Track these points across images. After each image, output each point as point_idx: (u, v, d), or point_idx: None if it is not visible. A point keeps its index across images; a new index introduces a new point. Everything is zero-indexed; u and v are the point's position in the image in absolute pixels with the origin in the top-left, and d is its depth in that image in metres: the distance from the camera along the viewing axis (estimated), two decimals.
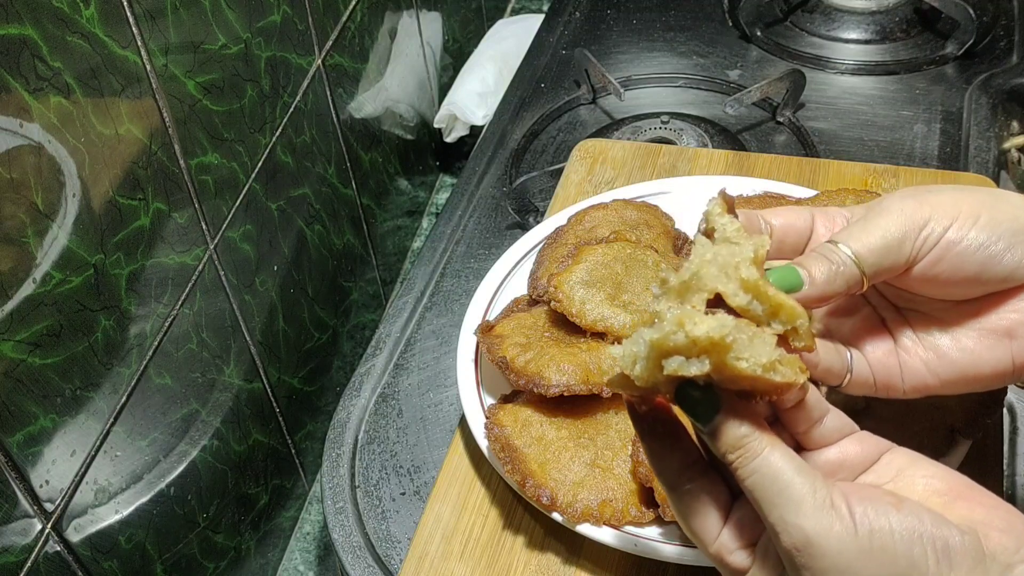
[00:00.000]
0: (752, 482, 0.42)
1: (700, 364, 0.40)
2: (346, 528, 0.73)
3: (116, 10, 0.63)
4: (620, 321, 0.70)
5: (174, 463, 0.76)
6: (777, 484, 0.41)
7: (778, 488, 0.41)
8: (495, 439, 0.67)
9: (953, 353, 0.51)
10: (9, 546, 0.58)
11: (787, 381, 0.41)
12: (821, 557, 0.40)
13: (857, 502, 0.41)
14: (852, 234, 0.48)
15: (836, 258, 0.47)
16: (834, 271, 0.47)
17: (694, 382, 0.42)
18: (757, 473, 0.42)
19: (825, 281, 0.47)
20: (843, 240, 0.48)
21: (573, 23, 1.24)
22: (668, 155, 0.96)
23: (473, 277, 0.91)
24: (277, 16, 0.84)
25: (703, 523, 0.45)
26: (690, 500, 0.45)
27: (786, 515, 0.41)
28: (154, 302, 0.71)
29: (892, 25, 1.17)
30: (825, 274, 0.47)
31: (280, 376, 0.93)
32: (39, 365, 0.59)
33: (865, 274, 0.48)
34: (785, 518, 0.41)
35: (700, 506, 0.45)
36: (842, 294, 0.48)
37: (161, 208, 0.70)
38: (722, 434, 0.42)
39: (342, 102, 1.01)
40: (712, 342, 0.40)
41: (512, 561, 0.67)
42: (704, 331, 0.39)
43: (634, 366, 0.42)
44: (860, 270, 0.47)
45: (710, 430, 0.43)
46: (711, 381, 0.42)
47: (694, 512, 0.45)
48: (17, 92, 0.55)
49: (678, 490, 0.46)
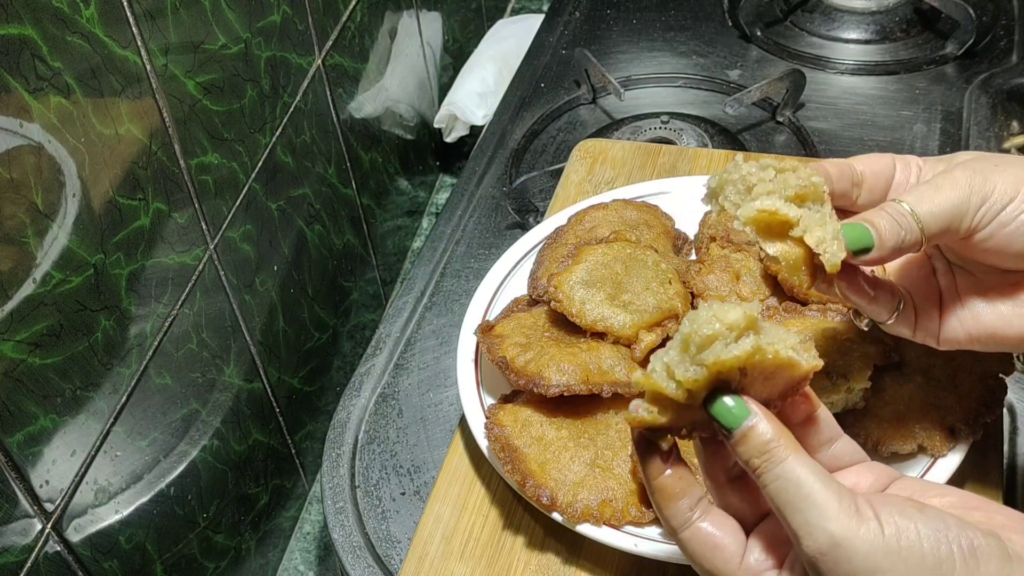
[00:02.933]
0: (776, 487, 0.42)
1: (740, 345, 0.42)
2: (346, 528, 0.73)
3: (116, 10, 0.63)
4: (620, 321, 0.70)
5: (174, 463, 0.76)
6: (802, 489, 0.41)
7: (803, 493, 0.41)
8: (495, 439, 0.67)
9: (988, 316, 0.54)
10: (9, 546, 0.58)
11: (809, 366, 0.44)
12: (848, 560, 0.40)
13: (881, 506, 0.41)
14: (921, 198, 0.50)
15: (905, 223, 0.49)
16: (902, 237, 0.49)
17: (725, 390, 0.43)
18: (782, 478, 0.42)
19: (893, 246, 0.50)
20: (911, 203, 0.50)
21: (573, 23, 1.24)
22: (668, 155, 0.96)
23: (473, 277, 0.91)
24: (277, 16, 0.84)
25: (723, 554, 0.45)
26: (703, 534, 0.45)
27: (810, 518, 0.41)
28: (154, 302, 0.71)
29: (892, 25, 1.17)
30: (894, 240, 0.49)
31: (280, 376, 0.93)
32: (39, 365, 0.59)
33: (925, 238, 0.50)
34: (810, 521, 0.41)
35: (716, 538, 0.45)
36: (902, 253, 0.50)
37: (161, 208, 0.70)
38: (749, 439, 0.43)
39: (342, 102, 1.01)
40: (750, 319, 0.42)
41: (512, 561, 0.67)
42: (741, 316, 0.42)
43: (669, 379, 0.43)
44: (921, 234, 0.50)
45: (739, 435, 0.43)
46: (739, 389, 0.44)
47: (712, 545, 0.45)
48: (17, 92, 0.55)
49: (691, 526, 0.45)
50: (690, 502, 0.46)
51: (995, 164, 0.51)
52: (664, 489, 0.46)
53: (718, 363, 0.42)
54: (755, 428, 0.43)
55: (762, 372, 0.43)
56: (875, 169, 0.54)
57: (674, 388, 0.43)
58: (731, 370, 0.43)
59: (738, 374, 0.43)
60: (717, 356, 0.42)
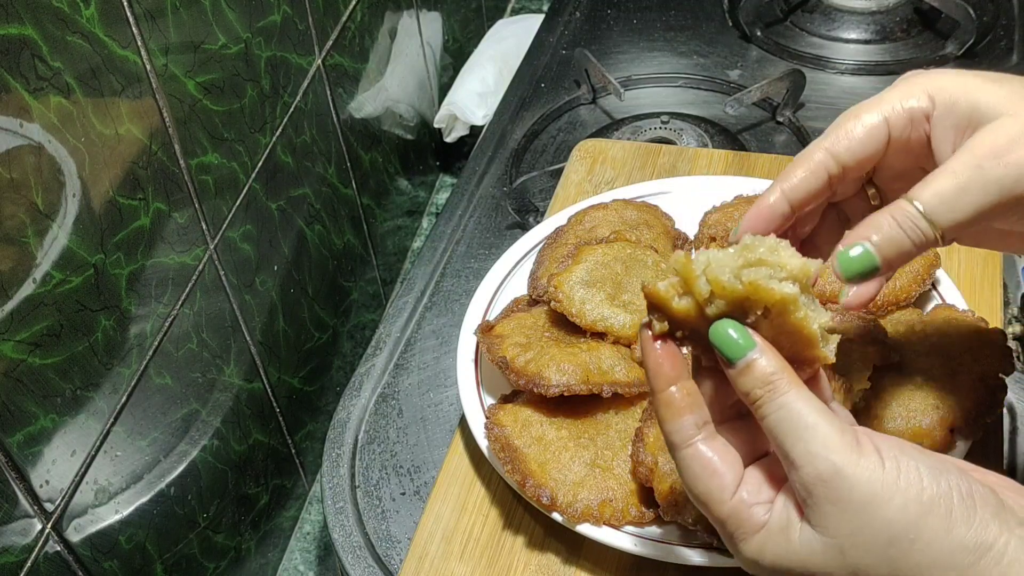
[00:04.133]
0: (777, 417, 0.42)
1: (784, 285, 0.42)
2: (346, 528, 0.73)
3: (116, 10, 0.63)
4: (620, 321, 0.70)
5: (174, 463, 0.76)
6: (804, 419, 0.41)
7: (805, 423, 0.41)
8: (495, 439, 0.67)
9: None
10: (9, 546, 0.58)
11: (823, 355, 0.44)
12: (849, 489, 0.40)
13: (882, 442, 0.41)
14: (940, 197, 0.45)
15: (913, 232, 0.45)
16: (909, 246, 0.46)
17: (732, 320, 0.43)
18: (784, 409, 0.42)
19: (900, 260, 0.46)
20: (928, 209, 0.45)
21: (573, 23, 1.24)
22: (668, 155, 0.96)
23: (473, 277, 0.91)
24: (277, 16, 0.84)
25: (719, 481, 0.44)
26: (703, 457, 0.45)
27: (812, 447, 0.41)
28: (154, 302, 0.71)
29: (892, 25, 1.17)
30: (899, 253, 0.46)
31: (280, 376, 0.93)
32: (39, 365, 0.59)
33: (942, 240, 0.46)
34: (811, 450, 0.41)
35: (715, 464, 0.45)
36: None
37: (161, 208, 0.70)
38: (752, 370, 0.43)
39: (342, 102, 1.01)
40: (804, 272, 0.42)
41: (512, 561, 0.67)
42: (799, 264, 0.42)
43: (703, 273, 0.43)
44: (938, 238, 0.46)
45: (743, 365, 0.43)
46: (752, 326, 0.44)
47: (710, 470, 0.45)
48: (17, 92, 0.55)
49: (692, 445, 0.45)
50: (695, 420, 0.45)
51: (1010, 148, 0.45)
52: (672, 403, 0.45)
53: (756, 288, 0.42)
54: (760, 360, 0.43)
55: (782, 328, 0.43)
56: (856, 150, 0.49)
57: (704, 284, 0.43)
58: (760, 304, 0.43)
59: (761, 314, 0.43)
60: (759, 281, 0.42)
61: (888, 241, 0.46)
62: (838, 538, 0.41)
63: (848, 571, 0.41)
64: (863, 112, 0.49)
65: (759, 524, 0.44)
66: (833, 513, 0.41)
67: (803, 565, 0.43)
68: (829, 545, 0.41)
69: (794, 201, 0.50)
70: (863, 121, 0.49)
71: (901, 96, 0.49)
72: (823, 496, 0.41)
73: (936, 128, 0.48)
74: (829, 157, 0.49)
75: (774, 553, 0.43)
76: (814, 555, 0.42)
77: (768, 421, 0.43)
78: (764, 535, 0.44)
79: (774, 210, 0.50)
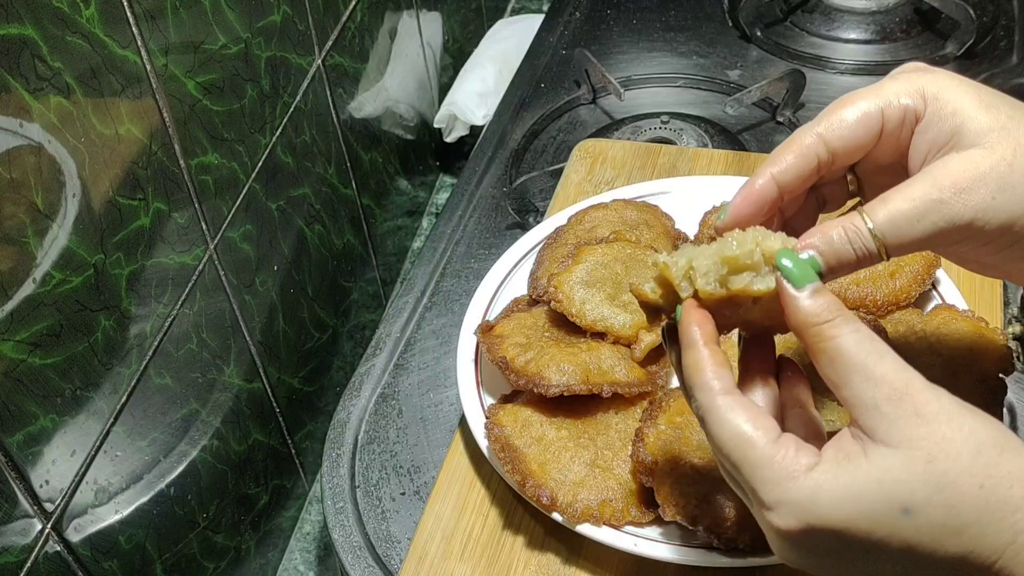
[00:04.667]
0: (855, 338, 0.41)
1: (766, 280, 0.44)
2: (346, 528, 0.73)
3: (116, 10, 0.63)
4: (620, 321, 0.70)
5: (174, 463, 0.76)
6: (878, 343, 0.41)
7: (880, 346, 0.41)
8: (495, 439, 0.67)
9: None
10: (9, 546, 0.58)
11: None
12: (936, 400, 0.40)
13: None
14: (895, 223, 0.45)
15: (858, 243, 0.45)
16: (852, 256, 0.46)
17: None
18: (860, 331, 0.42)
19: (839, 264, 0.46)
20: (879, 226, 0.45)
21: (573, 23, 1.24)
22: (668, 155, 0.96)
23: (473, 277, 0.91)
24: (277, 16, 0.84)
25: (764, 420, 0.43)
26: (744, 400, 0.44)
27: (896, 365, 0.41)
28: (154, 302, 0.71)
29: (892, 25, 1.17)
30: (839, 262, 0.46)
31: (280, 376, 0.93)
32: (39, 365, 0.59)
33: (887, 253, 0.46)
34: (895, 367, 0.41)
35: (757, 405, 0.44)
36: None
37: (161, 208, 0.70)
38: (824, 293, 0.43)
39: (342, 102, 1.01)
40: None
41: (512, 561, 0.67)
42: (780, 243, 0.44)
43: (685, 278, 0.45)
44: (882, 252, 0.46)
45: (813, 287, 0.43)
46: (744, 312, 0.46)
47: (751, 410, 0.43)
48: (17, 92, 0.55)
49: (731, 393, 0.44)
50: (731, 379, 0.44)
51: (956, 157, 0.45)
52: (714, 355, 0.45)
53: (739, 291, 0.44)
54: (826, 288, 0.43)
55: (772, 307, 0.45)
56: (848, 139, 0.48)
57: (687, 286, 0.45)
58: (747, 299, 0.45)
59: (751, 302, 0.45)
60: (743, 287, 0.44)
61: (834, 253, 0.46)
62: (924, 448, 0.39)
63: (934, 484, 0.39)
64: (859, 100, 0.48)
65: (808, 463, 0.41)
66: (919, 424, 0.40)
67: (879, 488, 0.40)
68: (913, 457, 0.39)
69: (783, 185, 0.49)
70: (859, 108, 0.48)
71: (900, 91, 0.47)
72: (910, 410, 0.40)
73: (918, 136, 0.47)
74: (820, 143, 0.48)
75: (836, 485, 0.40)
76: (893, 471, 0.40)
77: (842, 341, 0.41)
78: (819, 474, 0.41)
79: (763, 194, 0.49)
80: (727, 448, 0.43)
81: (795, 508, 0.41)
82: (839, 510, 0.40)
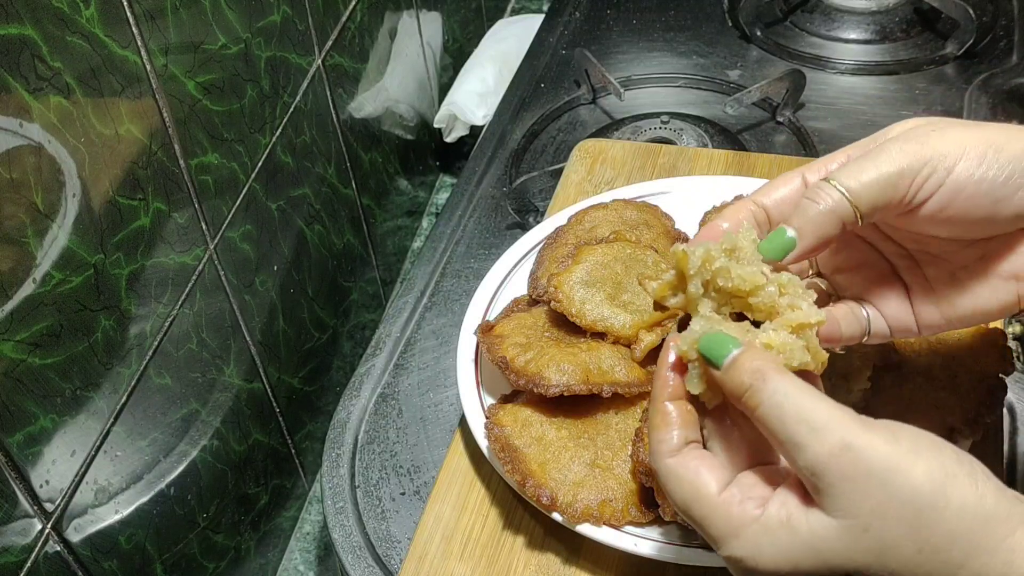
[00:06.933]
0: (773, 402, 0.40)
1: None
2: (346, 528, 0.73)
3: (116, 10, 0.63)
4: (620, 321, 0.70)
5: (174, 463, 0.76)
6: (802, 402, 0.40)
7: (804, 405, 0.40)
8: (495, 439, 0.67)
9: (961, 297, 0.50)
10: (9, 546, 0.58)
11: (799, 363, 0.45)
12: (867, 459, 0.38)
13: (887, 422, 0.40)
14: (846, 171, 0.46)
15: (826, 197, 0.45)
16: (823, 211, 0.45)
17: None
18: (779, 393, 0.40)
19: (814, 227, 0.46)
20: (836, 177, 0.46)
21: (573, 23, 1.24)
22: (668, 155, 0.96)
23: (473, 277, 0.91)
24: (277, 16, 0.84)
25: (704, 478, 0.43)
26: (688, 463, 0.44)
27: (816, 425, 0.39)
28: (154, 302, 0.71)
29: (892, 25, 1.17)
30: (813, 220, 0.45)
31: (280, 376, 0.93)
32: (39, 365, 0.59)
33: (860, 210, 0.45)
34: (816, 428, 0.39)
35: (699, 467, 0.44)
36: (837, 234, 0.46)
37: (161, 208, 0.70)
38: (738, 363, 0.42)
39: (342, 102, 1.01)
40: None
41: (512, 561, 0.67)
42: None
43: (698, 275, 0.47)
44: (853, 206, 0.45)
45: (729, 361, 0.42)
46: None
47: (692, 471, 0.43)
48: (17, 92, 0.55)
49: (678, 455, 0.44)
50: (685, 435, 0.45)
51: (932, 129, 0.46)
52: (667, 414, 0.45)
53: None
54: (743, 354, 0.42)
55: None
56: (777, 197, 0.49)
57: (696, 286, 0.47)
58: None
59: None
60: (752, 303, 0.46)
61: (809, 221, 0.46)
62: (859, 517, 0.38)
63: (872, 553, 0.39)
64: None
65: (750, 518, 0.41)
66: (850, 490, 0.38)
67: (816, 556, 0.40)
68: (848, 527, 0.39)
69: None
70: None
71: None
72: (837, 473, 0.38)
73: None
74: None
75: (775, 549, 0.40)
76: (828, 542, 0.39)
77: (763, 409, 0.41)
78: (759, 531, 0.41)
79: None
80: (679, 506, 0.44)
81: (740, 563, 0.42)
82: (779, 569, 0.41)
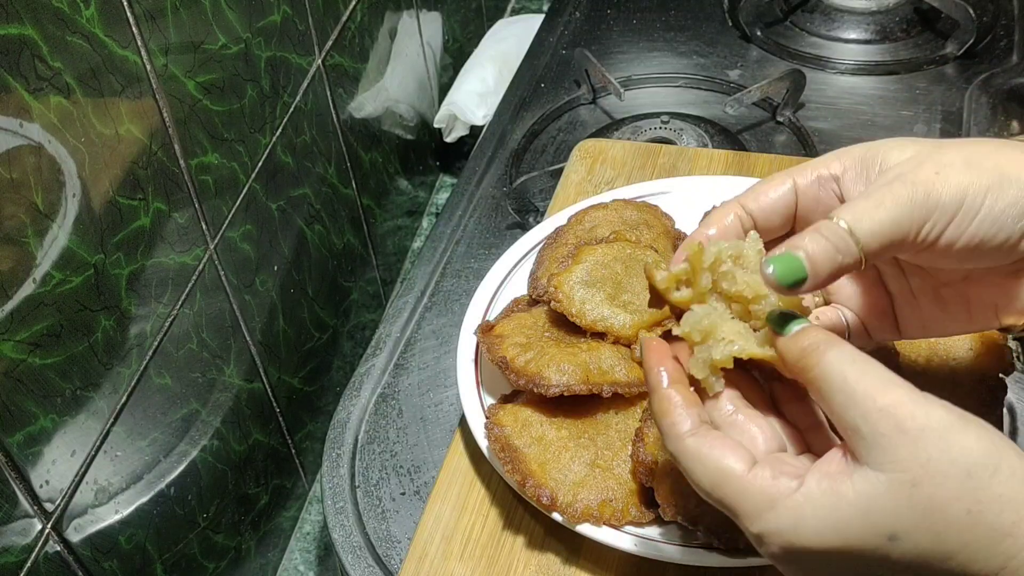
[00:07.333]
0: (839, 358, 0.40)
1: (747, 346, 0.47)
2: (346, 528, 0.73)
3: (116, 10, 0.63)
4: (620, 321, 0.70)
5: (174, 463, 0.76)
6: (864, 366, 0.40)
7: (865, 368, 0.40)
8: (495, 439, 0.67)
9: (942, 312, 0.51)
10: (9, 546, 0.58)
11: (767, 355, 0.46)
12: (924, 415, 0.38)
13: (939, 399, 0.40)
14: (861, 215, 0.44)
15: (842, 244, 0.44)
16: (839, 261, 0.44)
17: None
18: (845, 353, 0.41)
19: (829, 273, 0.45)
20: (850, 222, 0.44)
21: (573, 23, 1.24)
22: (668, 155, 0.96)
23: (473, 277, 0.91)
24: (277, 16, 0.84)
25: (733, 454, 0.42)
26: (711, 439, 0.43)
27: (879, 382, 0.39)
28: (154, 302, 0.71)
29: (892, 25, 1.17)
30: (829, 266, 0.44)
31: (280, 376, 0.93)
32: (39, 365, 0.59)
33: (864, 258, 0.45)
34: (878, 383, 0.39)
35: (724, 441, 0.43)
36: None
37: (161, 208, 0.70)
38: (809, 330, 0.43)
39: (342, 102, 1.01)
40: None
41: (512, 561, 0.67)
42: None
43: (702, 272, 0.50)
44: (861, 255, 0.45)
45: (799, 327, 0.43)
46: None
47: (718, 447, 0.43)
48: (17, 92, 0.55)
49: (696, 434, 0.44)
50: (699, 413, 0.44)
51: (936, 172, 0.45)
52: (672, 398, 0.45)
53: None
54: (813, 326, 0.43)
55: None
56: (766, 203, 0.49)
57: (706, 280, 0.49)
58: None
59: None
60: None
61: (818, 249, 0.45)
62: (909, 471, 0.38)
63: (919, 510, 0.38)
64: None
65: (788, 489, 0.40)
66: (904, 444, 0.38)
67: (864, 519, 0.39)
68: (898, 481, 0.38)
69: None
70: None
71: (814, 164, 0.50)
72: (892, 427, 0.38)
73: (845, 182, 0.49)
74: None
75: (818, 518, 0.40)
76: (876, 499, 0.39)
77: (822, 367, 0.41)
78: (801, 500, 0.40)
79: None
80: (705, 487, 0.43)
81: (778, 538, 0.41)
82: (823, 538, 0.40)
